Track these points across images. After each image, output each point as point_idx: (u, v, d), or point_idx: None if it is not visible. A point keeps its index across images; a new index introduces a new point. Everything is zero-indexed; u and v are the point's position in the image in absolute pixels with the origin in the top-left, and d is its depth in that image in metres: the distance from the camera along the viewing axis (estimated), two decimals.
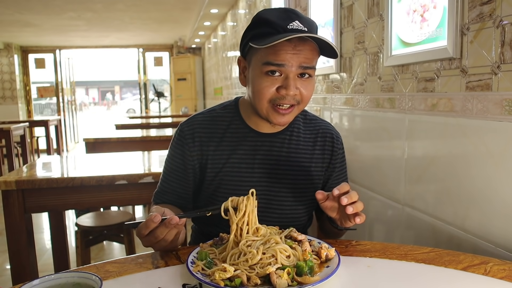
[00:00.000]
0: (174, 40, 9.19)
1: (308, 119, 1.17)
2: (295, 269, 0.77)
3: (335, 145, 1.15)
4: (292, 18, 0.95)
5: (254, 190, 0.87)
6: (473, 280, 0.80)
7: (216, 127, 1.10)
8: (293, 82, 0.96)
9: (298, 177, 1.10)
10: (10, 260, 1.75)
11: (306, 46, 0.96)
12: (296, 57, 0.95)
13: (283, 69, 0.96)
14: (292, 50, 0.94)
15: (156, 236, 0.85)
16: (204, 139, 1.08)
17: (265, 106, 1.00)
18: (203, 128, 1.09)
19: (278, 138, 1.10)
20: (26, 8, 5.53)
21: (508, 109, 1.01)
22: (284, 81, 0.97)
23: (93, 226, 2.30)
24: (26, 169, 1.94)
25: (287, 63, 0.95)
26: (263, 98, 0.98)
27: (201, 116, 1.12)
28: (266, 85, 0.97)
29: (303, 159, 1.11)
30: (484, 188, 1.11)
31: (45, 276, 0.67)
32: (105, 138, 3.34)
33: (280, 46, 0.94)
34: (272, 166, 1.09)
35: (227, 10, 5.59)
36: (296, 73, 0.97)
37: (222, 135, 1.09)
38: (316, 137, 1.14)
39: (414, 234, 1.45)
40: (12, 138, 4.93)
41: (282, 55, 0.94)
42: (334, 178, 1.17)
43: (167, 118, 6.39)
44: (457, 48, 1.18)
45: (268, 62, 0.95)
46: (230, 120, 1.11)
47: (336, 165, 1.16)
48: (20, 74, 8.96)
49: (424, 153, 1.38)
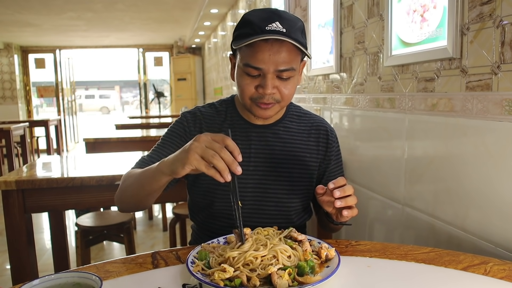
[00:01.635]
0: (174, 40, 9.19)
1: (302, 113, 1.20)
2: (296, 270, 0.77)
3: (330, 138, 1.17)
4: (272, 19, 0.97)
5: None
6: (473, 280, 0.80)
7: (215, 119, 1.15)
8: (270, 82, 0.99)
9: (293, 167, 1.12)
10: (10, 260, 1.75)
11: (283, 47, 0.97)
12: (273, 59, 0.97)
13: (260, 71, 0.99)
14: (269, 52, 0.96)
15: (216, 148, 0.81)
16: (205, 127, 1.13)
17: (248, 102, 1.04)
18: (205, 117, 1.14)
19: (272, 130, 1.13)
20: (26, 8, 5.53)
21: (508, 109, 1.01)
22: (261, 80, 1.00)
23: (93, 226, 2.30)
24: (26, 169, 1.94)
25: (263, 67, 0.98)
26: (245, 95, 1.03)
27: (202, 108, 1.18)
28: (247, 83, 1.02)
29: (298, 150, 1.14)
30: (484, 188, 1.11)
31: (45, 276, 0.67)
32: (105, 138, 3.34)
33: (258, 48, 0.96)
34: (267, 156, 1.11)
35: (227, 10, 5.59)
36: (274, 73, 0.99)
37: (220, 125, 1.13)
38: (310, 130, 1.17)
39: (414, 234, 1.45)
40: (12, 138, 4.93)
41: (259, 58, 0.97)
42: (331, 171, 1.18)
43: (167, 118, 6.39)
44: (457, 48, 1.18)
45: (247, 63, 0.99)
46: (227, 113, 1.15)
47: (332, 157, 1.17)
48: (20, 74, 8.96)
49: (424, 153, 1.38)
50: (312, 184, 1.16)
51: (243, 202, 1.08)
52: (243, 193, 1.08)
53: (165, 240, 3.40)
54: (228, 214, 1.09)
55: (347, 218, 0.95)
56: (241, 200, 1.07)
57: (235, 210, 0.86)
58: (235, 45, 1.01)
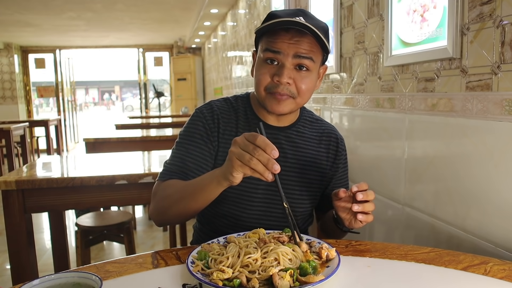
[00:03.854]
0: (174, 40, 9.19)
1: (314, 119, 1.20)
2: (298, 271, 0.77)
3: (340, 146, 1.17)
4: (297, 14, 0.98)
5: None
6: (473, 280, 0.80)
7: (231, 114, 1.12)
8: (286, 71, 0.99)
9: (305, 171, 1.12)
10: (10, 260, 1.75)
11: (304, 38, 0.98)
12: (293, 46, 0.97)
13: (279, 57, 0.99)
14: (289, 40, 0.97)
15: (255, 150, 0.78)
16: (222, 123, 1.09)
17: (263, 94, 1.03)
18: (221, 112, 1.11)
19: (285, 133, 1.12)
20: (26, 8, 5.53)
21: (508, 109, 1.01)
22: (278, 69, 1.00)
23: (93, 226, 2.30)
24: (26, 169, 1.93)
25: (282, 51, 0.98)
26: (261, 85, 1.02)
27: (218, 102, 1.14)
28: (264, 71, 1.01)
29: (309, 155, 1.13)
30: (484, 188, 1.11)
31: (45, 276, 0.67)
32: (105, 138, 3.33)
33: (278, 35, 0.98)
34: (279, 159, 1.07)
35: (227, 10, 5.59)
36: (292, 63, 0.99)
37: (236, 122, 1.11)
38: (321, 136, 1.17)
39: (414, 234, 1.45)
40: (12, 138, 4.92)
41: (278, 43, 0.98)
42: (337, 179, 1.18)
43: (167, 118, 6.39)
44: (457, 48, 1.18)
45: (267, 48, 1.00)
46: (243, 111, 1.13)
47: (340, 165, 1.17)
48: (20, 74, 8.96)
49: (424, 153, 1.38)
50: (320, 190, 1.15)
51: (252, 204, 1.07)
52: (253, 194, 1.06)
53: (165, 240, 3.40)
54: (234, 214, 1.08)
55: (361, 224, 0.95)
56: (251, 203, 1.06)
57: (285, 211, 0.86)
58: (256, 30, 1.01)
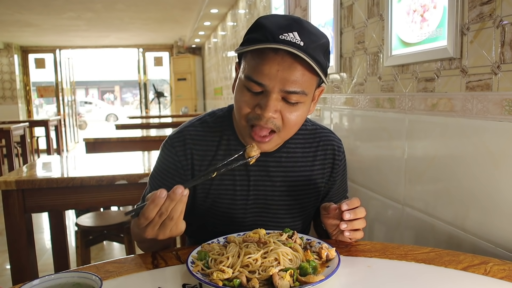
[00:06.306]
0: (174, 40, 9.19)
1: (308, 130, 1.05)
2: (299, 271, 0.77)
3: (336, 157, 1.06)
4: (291, 28, 0.80)
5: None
6: (473, 280, 0.79)
7: (208, 140, 0.98)
8: (272, 103, 0.82)
9: (296, 197, 1.03)
10: (10, 260, 1.75)
11: (296, 64, 0.80)
12: (281, 76, 0.80)
13: (263, 88, 0.82)
14: (278, 66, 0.80)
15: (161, 213, 0.73)
16: (196, 154, 0.97)
17: (243, 125, 0.88)
18: (195, 141, 0.98)
19: (273, 158, 0.99)
20: (26, 8, 5.53)
21: (508, 109, 1.01)
22: (262, 99, 0.83)
23: (93, 226, 2.30)
24: (26, 169, 1.93)
25: (267, 83, 0.81)
26: (241, 114, 0.87)
27: (192, 128, 1.00)
28: (245, 100, 0.85)
29: (302, 177, 1.02)
30: (484, 188, 1.11)
31: (45, 276, 0.67)
32: (105, 138, 3.34)
33: (265, 59, 0.80)
34: (268, 188, 1.00)
35: (227, 10, 5.59)
36: (279, 94, 0.83)
37: (214, 152, 0.98)
38: (316, 150, 1.04)
39: (414, 234, 1.45)
40: (12, 138, 4.93)
41: (264, 71, 0.80)
42: (335, 191, 1.11)
43: (167, 118, 6.40)
44: (457, 48, 1.18)
45: (248, 76, 0.83)
46: (221, 135, 0.99)
47: (337, 178, 1.08)
48: (20, 74, 8.96)
49: (424, 153, 1.38)
50: (315, 208, 1.09)
51: (244, 225, 1.00)
52: (241, 228, 0.97)
53: None
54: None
55: (349, 240, 0.94)
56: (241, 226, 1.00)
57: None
58: (237, 50, 0.84)
